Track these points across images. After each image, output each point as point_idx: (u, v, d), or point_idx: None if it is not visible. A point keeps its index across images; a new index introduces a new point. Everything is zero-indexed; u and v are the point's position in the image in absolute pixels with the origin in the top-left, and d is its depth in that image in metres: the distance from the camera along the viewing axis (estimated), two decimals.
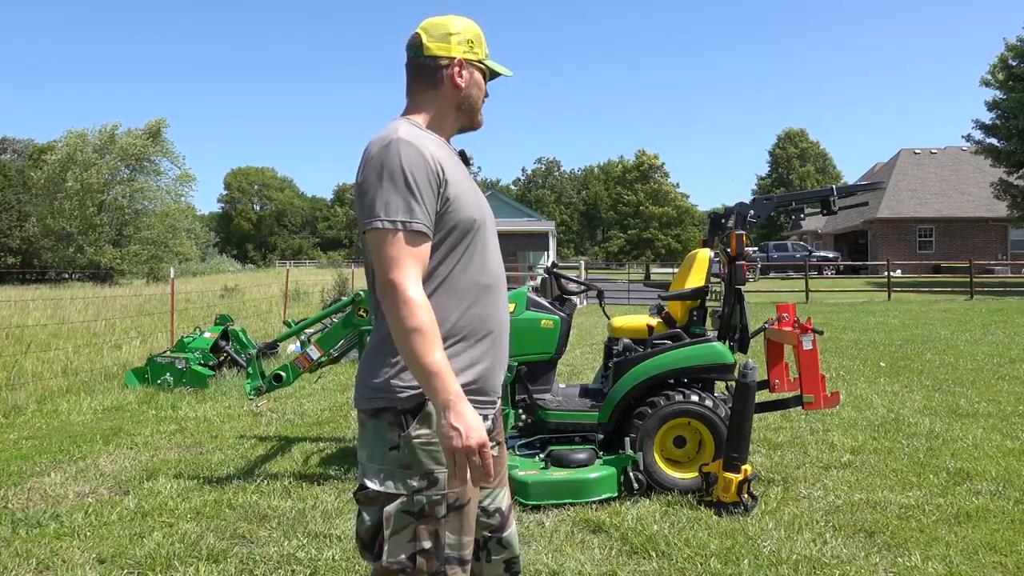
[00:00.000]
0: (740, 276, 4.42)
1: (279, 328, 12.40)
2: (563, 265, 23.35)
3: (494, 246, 1.84)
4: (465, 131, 1.90)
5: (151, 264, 40.57)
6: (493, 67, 1.87)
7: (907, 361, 9.25)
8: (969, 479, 4.43)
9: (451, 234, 1.72)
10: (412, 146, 1.67)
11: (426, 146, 1.70)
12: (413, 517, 1.68)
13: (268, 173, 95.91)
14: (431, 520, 1.68)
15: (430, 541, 1.68)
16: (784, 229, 50.42)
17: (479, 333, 1.75)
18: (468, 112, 1.85)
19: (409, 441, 1.68)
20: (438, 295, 1.71)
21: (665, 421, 4.24)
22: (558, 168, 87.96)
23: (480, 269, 1.77)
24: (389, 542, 1.68)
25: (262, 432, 6.03)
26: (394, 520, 1.68)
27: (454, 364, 1.66)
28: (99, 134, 39.98)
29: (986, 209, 34.82)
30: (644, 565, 3.32)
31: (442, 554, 1.69)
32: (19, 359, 8.64)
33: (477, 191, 1.83)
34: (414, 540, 1.68)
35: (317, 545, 3.56)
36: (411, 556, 1.68)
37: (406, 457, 1.68)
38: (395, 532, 1.68)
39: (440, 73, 1.80)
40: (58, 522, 3.91)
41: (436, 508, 1.68)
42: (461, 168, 1.81)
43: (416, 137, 1.70)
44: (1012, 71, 27.92)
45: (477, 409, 1.65)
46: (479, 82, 1.85)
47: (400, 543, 1.68)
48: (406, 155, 1.66)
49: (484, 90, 1.88)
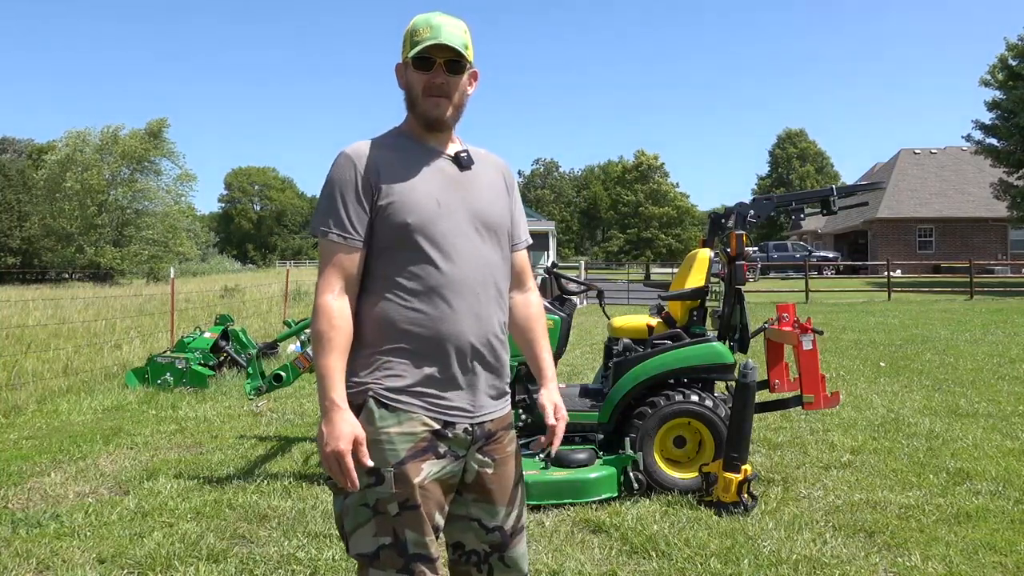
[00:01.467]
0: (740, 276, 4.42)
1: (279, 328, 12.40)
2: (563, 265, 23.35)
3: (462, 245, 1.77)
4: (432, 129, 1.82)
5: (151, 264, 40.60)
6: (415, 53, 1.75)
7: (907, 361, 9.25)
8: (969, 479, 4.43)
9: (393, 236, 1.74)
10: (346, 156, 1.77)
11: (362, 154, 1.77)
12: (370, 511, 1.71)
13: (268, 173, 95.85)
14: (386, 517, 1.70)
15: (390, 537, 1.71)
16: (784, 229, 50.40)
17: (426, 336, 1.73)
18: (415, 107, 1.81)
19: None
20: (384, 297, 1.75)
21: (665, 421, 4.24)
22: (556, 169, 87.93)
23: (428, 271, 1.73)
24: (353, 534, 1.74)
25: (262, 432, 6.03)
26: (352, 512, 1.73)
27: (394, 366, 1.73)
28: (101, 135, 40.01)
29: (986, 209, 34.81)
30: (644, 565, 3.32)
31: (405, 551, 1.71)
32: (19, 359, 8.64)
33: (442, 191, 1.78)
34: (377, 535, 1.71)
35: (317, 545, 3.56)
36: (375, 551, 1.71)
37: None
38: (357, 524, 1.73)
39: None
40: (58, 522, 3.91)
41: (387, 506, 1.70)
42: (430, 168, 1.79)
43: (357, 147, 1.79)
44: (1012, 71, 27.92)
45: (429, 414, 1.72)
46: (412, 77, 1.79)
47: (365, 536, 1.72)
48: (336, 167, 1.77)
49: (420, 82, 1.77)
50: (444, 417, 1.74)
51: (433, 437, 1.73)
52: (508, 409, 1.91)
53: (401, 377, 1.72)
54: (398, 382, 1.72)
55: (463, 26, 1.81)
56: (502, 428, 1.87)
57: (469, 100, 1.88)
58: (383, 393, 1.71)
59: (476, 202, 1.82)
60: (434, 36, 1.74)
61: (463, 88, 1.83)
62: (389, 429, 1.70)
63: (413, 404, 1.72)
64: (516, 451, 1.92)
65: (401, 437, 1.70)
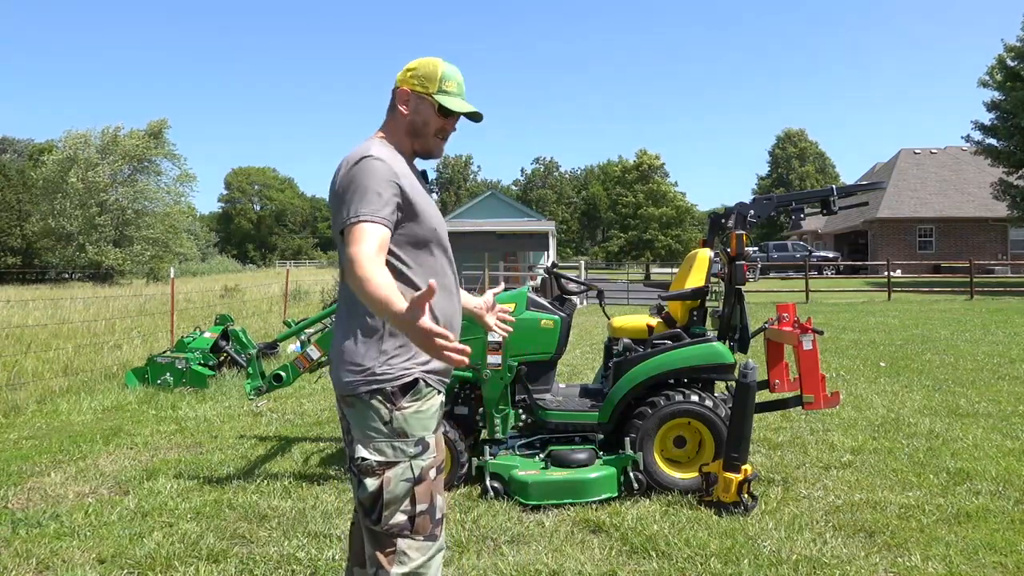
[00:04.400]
0: (740, 276, 4.42)
1: (279, 328, 12.41)
2: (563, 265, 23.35)
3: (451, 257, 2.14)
4: (421, 156, 2.14)
5: (152, 264, 40.62)
6: (443, 103, 2.05)
7: (907, 361, 9.25)
8: (969, 479, 4.43)
9: (420, 240, 2.02)
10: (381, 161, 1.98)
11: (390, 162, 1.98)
12: (411, 482, 1.91)
13: (268, 173, 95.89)
14: (427, 482, 1.93)
15: (427, 502, 1.93)
16: (784, 229, 50.40)
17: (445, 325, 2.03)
18: (417, 137, 2.10)
19: (404, 413, 1.93)
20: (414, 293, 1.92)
21: (665, 421, 4.24)
22: (556, 169, 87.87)
23: (445, 271, 2.09)
24: (389, 507, 1.90)
25: (262, 432, 6.03)
26: (394, 485, 1.90)
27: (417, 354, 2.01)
28: (102, 135, 40.02)
29: (986, 209, 34.79)
30: (644, 565, 3.32)
31: (434, 514, 1.94)
32: (19, 359, 8.64)
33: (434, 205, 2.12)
34: (412, 503, 1.91)
35: (317, 545, 3.56)
36: (411, 518, 1.91)
37: (400, 427, 1.93)
38: (394, 497, 1.90)
39: (394, 99, 2.11)
40: (58, 522, 3.91)
41: (429, 472, 1.94)
42: (423, 185, 2.11)
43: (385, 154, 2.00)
44: (1011, 72, 27.91)
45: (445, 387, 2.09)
46: (425, 113, 2.07)
47: (398, 507, 1.91)
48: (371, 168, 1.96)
49: (437, 123, 2.08)
50: (445, 384, 2.09)
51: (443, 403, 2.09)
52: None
53: (433, 361, 1.97)
54: (434, 365, 1.99)
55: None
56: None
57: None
58: (426, 375, 1.97)
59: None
60: (462, 96, 2.11)
61: None
62: (432, 404, 1.99)
63: (442, 383, 2.05)
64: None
65: (437, 411, 2.02)
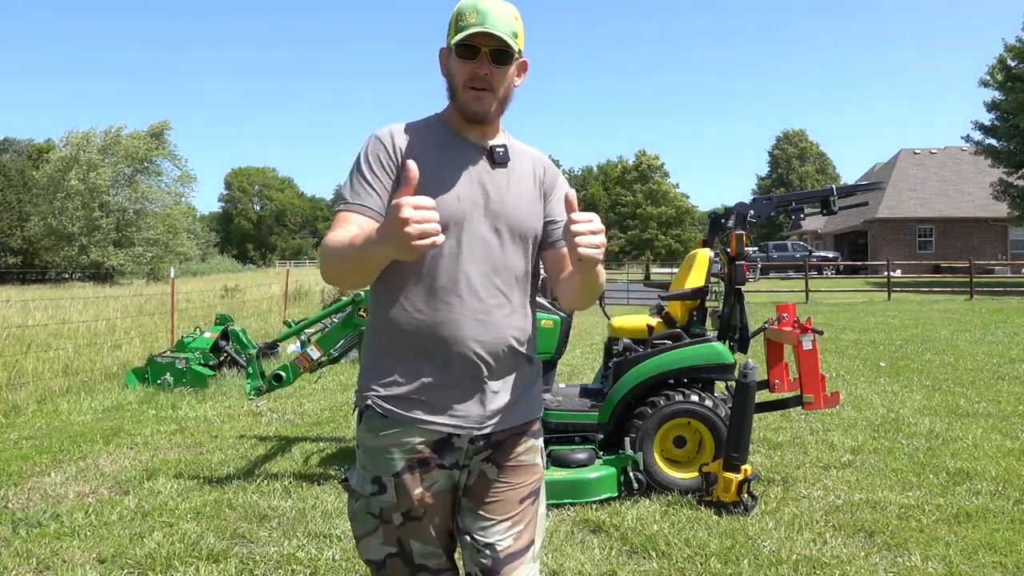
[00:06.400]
0: (740, 276, 4.42)
1: (279, 328, 12.39)
2: None
3: (475, 246, 1.63)
4: (472, 122, 1.66)
5: (152, 264, 40.65)
6: (459, 39, 1.58)
7: (907, 361, 9.25)
8: (969, 479, 4.43)
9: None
10: (375, 139, 1.68)
11: (388, 136, 1.66)
12: (377, 519, 1.66)
13: (268, 173, 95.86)
14: (391, 526, 1.65)
15: (395, 547, 1.66)
16: (784, 229, 50.38)
17: (425, 340, 1.62)
18: (455, 98, 1.66)
19: (360, 442, 1.69)
20: (390, 300, 1.65)
21: (665, 421, 4.24)
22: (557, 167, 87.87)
23: (434, 270, 1.61)
24: (362, 540, 1.69)
25: (262, 432, 6.02)
26: (359, 519, 1.68)
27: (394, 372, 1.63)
28: (103, 136, 40.03)
29: (986, 209, 34.79)
30: (644, 565, 3.32)
31: (411, 561, 1.67)
32: (19, 359, 8.63)
33: (466, 187, 1.63)
34: (384, 543, 1.66)
35: (317, 545, 3.56)
36: (383, 559, 1.67)
37: (362, 458, 1.68)
38: (365, 532, 1.68)
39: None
40: (58, 522, 3.91)
41: (392, 515, 1.64)
42: (458, 161, 1.65)
43: (387, 129, 1.68)
44: (1011, 72, 27.91)
45: (428, 425, 1.61)
46: (454, 66, 1.63)
47: (373, 543, 1.67)
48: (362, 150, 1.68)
49: (462, 72, 1.62)
50: (444, 427, 1.62)
51: (434, 447, 1.62)
52: (526, 419, 1.73)
53: (399, 384, 1.62)
54: (396, 390, 1.62)
55: (513, 11, 1.63)
56: (515, 435, 1.71)
57: (516, 92, 1.70)
58: (379, 401, 1.63)
59: (502, 202, 1.66)
60: (480, 22, 1.56)
61: (510, 80, 1.65)
62: (387, 439, 1.62)
63: (411, 413, 1.61)
64: (534, 464, 1.75)
65: (399, 447, 1.62)
